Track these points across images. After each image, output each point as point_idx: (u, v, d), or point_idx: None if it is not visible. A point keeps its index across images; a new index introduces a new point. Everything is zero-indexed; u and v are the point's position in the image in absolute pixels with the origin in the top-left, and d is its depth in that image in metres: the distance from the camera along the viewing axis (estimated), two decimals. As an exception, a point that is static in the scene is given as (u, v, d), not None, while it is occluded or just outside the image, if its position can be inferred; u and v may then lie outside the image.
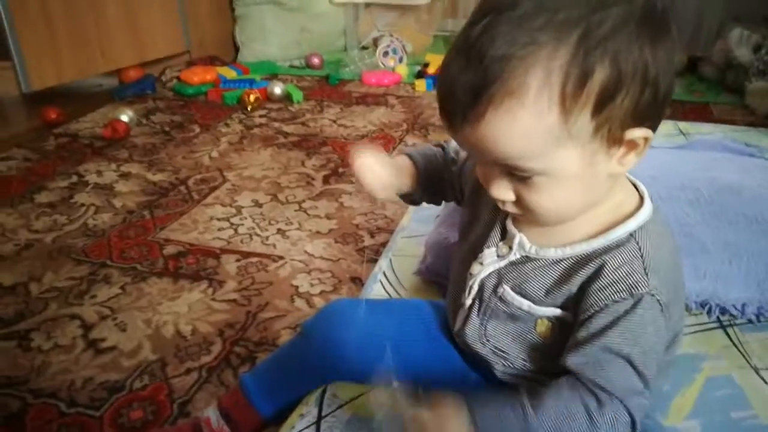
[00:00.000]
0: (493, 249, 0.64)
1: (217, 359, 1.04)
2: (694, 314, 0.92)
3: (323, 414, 0.75)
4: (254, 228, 1.46)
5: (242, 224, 1.48)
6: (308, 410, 0.76)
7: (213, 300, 1.20)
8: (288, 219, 1.50)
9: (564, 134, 0.50)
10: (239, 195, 1.63)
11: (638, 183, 0.62)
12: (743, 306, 0.91)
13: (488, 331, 0.66)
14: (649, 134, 0.53)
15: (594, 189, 0.56)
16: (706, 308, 0.92)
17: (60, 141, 1.99)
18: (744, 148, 1.35)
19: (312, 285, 1.24)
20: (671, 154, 1.24)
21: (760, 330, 0.89)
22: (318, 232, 1.44)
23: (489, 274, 0.64)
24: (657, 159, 1.09)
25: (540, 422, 0.55)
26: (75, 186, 1.68)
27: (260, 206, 1.57)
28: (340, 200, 1.59)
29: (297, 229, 1.45)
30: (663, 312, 0.56)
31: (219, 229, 1.46)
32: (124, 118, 2.03)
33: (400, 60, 2.68)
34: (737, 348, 0.86)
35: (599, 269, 0.57)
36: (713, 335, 0.89)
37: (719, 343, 0.87)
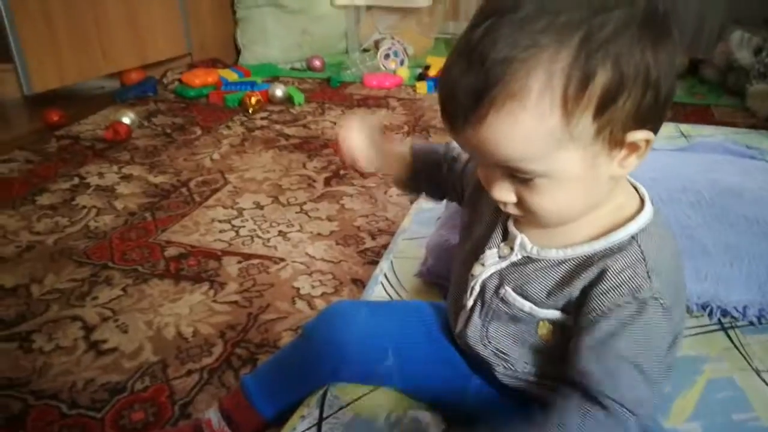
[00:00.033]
0: (495, 250, 0.64)
1: (218, 361, 1.04)
2: (695, 316, 0.92)
3: (324, 415, 0.75)
4: (255, 230, 1.46)
5: (243, 226, 1.48)
6: (309, 412, 0.76)
7: (214, 302, 1.20)
8: (289, 221, 1.50)
9: (566, 136, 0.50)
10: (240, 197, 1.63)
11: (639, 185, 0.62)
12: (744, 308, 0.91)
13: (490, 333, 0.66)
14: (651, 136, 0.53)
15: (595, 191, 0.56)
16: (708, 310, 0.92)
17: (61, 143, 1.99)
18: (745, 151, 1.34)
19: (313, 287, 1.24)
20: (672, 156, 1.24)
21: (762, 332, 0.89)
22: (319, 234, 1.44)
23: (491, 276, 0.64)
24: (658, 161, 1.09)
25: None
26: (76, 188, 1.69)
27: (261, 208, 1.57)
28: (341, 202, 1.59)
29: (298, 231, 1.45)
30: (665, 315, 0.56)
31: (220, 231, 1.46)
32: (126, 121, 2.04)
33: (402, 62, 2.68)
34: (738, 350, 0.86)
35: (601, 273, 0.56)
36: (714, 337, 0.88)
37: (720, 345, 0.87)
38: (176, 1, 2.55)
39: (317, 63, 2.77)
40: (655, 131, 0.54)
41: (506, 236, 0.64)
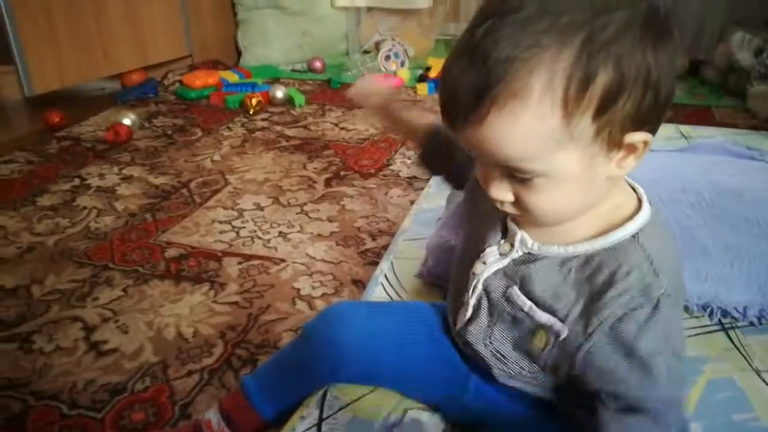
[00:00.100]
0: (495, 247, 0.64)
1: (219, 361, 1.04)
2: (696, 317, 0.92)
3: (324, 416, 0.75)
4: (256, 231, 1.46)
5: (244, 227, 1.48)
6: (309, 412, 0.76)
7: (214, 302, 1.20)
8: (290, 222, 1.50)
9: (565, 137, 0.50)
10: (241, 198, 1.63)
11: (637, 186, 0.62)
12: (745, 308, 0.91)
13: (494, 334, 0.66)
14: (649, 138, 0.53)
15: (592, 191, 0.56)
16: (708, 311, 0.92)
17: (62, 144, 1.99)
18: (745, 151, 1.34)
19: (313, 287, 1.24)
20: (672, 157, 1.24)
21: (762, 332, 0.89)
22: (319, 235, 1.44)
23: (496, 276, 0.64)
24: (657, 162, 1.09)
25: None
26: (77, 189, 1.69)
27: (262, 209, 1.57)
28: (342, 203, 1.59)
29: (298, 232, 1.46)
30: (678, 310, 0.57)
31: (221, 232, 1.46)
32: (127, 122, 2.04)
33: (402, 64, 2.68)
34: (739, 350, 0.86)
35: (609, 278, 0.56)
36: (715, 338, 0.88)
37: (721, 346, 0.87)
38: (177, 3, 2.55)
39: (318, 64, 2.77)
40: (654, 132, 0.54)
41: (506, 234, 0.64)
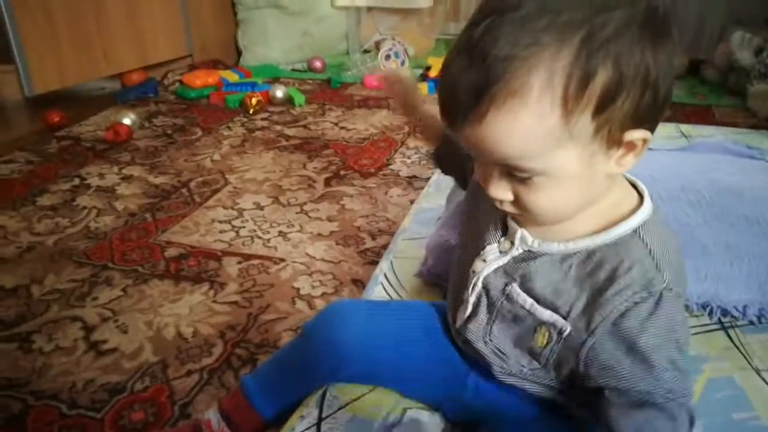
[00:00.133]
0: (495, 245, 0.64)
1: (218, 361, 1.04)
2: (696, 315, 0.92)
3: (324, 415, 0.75)
4: (256, 230, 1.46)
5: (244, 227, 1.48)
6: (309, 411, 0.76)
7: (214, 302, 1.20)
8: (289, 221, 1.50)
9: (565, 135, 0.50)
10: (241, 197, 1.63)
11: (637, 182, 0.62)
12: (744, 307, 0.91)
13: (493, 332, 0.66)
14: (648, 136, 0.53)
15: (591, 189, 0.56)
16: (708, 310, 0.92)
17: (62, 144, 1.99)
18: (745, 150, 1.34)
19: (313, 287, 1.24)
20: (671, 156, 1.24)
21: (762, 331, 0.89)
22: (319, 235, 1.44)
23: (497, 274, 0.64)
24: (657, 161, 1.09)
25: None
26: (77, 189, 1.69)
27: (262, 209, 1.57)
28: (342, 203, 1.59)
29: (298, 232, 1.46)
30: (681, 304, 0.57)
31: (220, 232, 1.46)
32: (127, 122, 2.04)
33: (402, 63, 2.68)
34: (738, 349, 0.86)
35: (611, 274, 0.56)
36: (714, 337, 0.88)
37: (720, 345, 0.87)
38: (177, 3, 2.55)
39: (318, 64, 2.77)
40: (653, 131, 0.54)
41: (506, 231, 0.64)
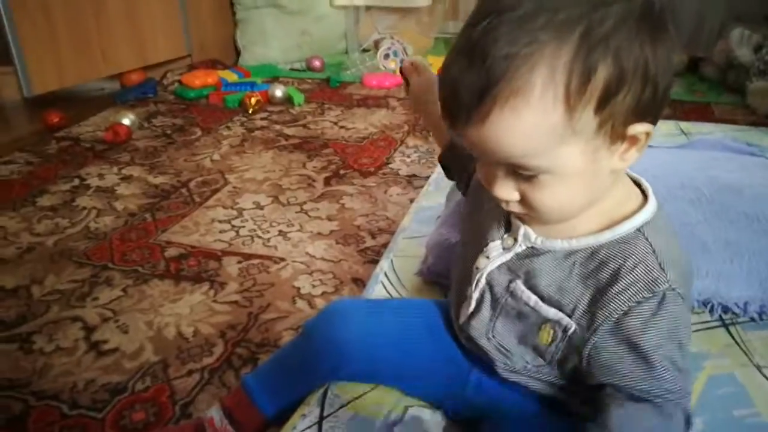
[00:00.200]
0: (498, 242, 0.64)
1: (219, 360, 1.04)
2: (697, 312, 0.92)
3: (325, 414, 0.75)
4: (255, 230, 1.46)
5: (243, 226, 1.48)
6: (310, 410, 0.76)
7: (214, 302, 1.20)
8: (289, 221, 1.50)
9: (568, 131, 0.50)
10: (240, 197, 1.63)
11: (642, 180, 0.62)
12: (745, 304, 0.91)
13: (496, 328, 0.66)
14: (651, 129, 0.53)
15: (596, 185, 0.56)
16: (708, 307, 0.92)
17: (62, 144, 1.99)
18: (745, 148, 1.34)
19: (313, 286, 1.24)
20: (670, 154, 1.23)
21: (763, 328, 0.89)
22: (319, 234, 1.44)
23: (500, 270, 0.64)
24: (656, 158, 1.09)
25: None
26: (77, 189, 1.69)
27: (261, 208, 1.57)
28: (341, 202, 1.59)
29: (298, 231, 1.45)
30: (685, 304, 0.57)
31: (220, 231, 1.46)
32: (126, 122, 2.04)
33: (401, 62, 2.68)
34: (739, 346, 0.86)
35: (615, 273, 0.56)
36: (715, 334, 0.88)
37: (721, 342, 0.87)
38: (176, 3, 2.55)
39: (317, 63, 2.77)
40: (654, 124, 0.54)
41: (509, 228, 0.64)
